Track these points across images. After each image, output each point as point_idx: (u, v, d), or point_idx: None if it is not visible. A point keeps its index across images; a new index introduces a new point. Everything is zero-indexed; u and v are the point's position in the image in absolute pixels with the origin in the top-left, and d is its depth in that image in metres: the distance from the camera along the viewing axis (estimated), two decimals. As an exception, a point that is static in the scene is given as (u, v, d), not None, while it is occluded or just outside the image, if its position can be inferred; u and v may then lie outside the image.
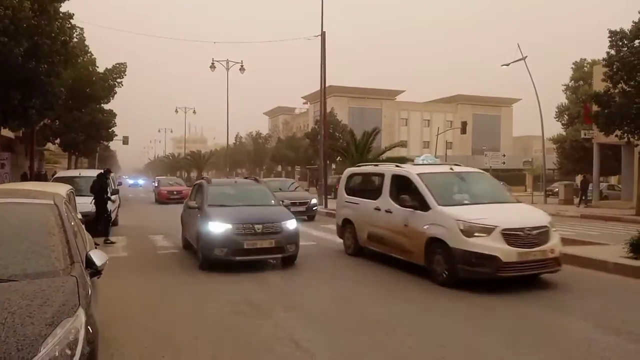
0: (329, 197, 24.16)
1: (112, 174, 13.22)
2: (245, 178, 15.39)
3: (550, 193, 37.86)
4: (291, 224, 9.37)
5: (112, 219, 15.21)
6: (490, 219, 7.31)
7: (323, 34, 25.38)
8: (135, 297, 6.99)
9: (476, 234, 7.19)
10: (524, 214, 8.12)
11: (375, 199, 9.54)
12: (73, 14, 16.92)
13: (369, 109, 79.52)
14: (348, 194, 11.01)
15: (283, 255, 9.27)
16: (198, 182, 12.07)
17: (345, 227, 10.88)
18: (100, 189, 12.61)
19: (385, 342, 5.04)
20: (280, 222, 9.26)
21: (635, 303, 6.78)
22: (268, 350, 4.81)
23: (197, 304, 6.55)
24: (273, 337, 5.20)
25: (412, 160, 28.63)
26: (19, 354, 2.51)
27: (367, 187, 10.54)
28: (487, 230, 7.18)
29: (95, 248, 4.56)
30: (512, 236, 7.14)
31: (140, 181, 73.14)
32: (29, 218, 3.88)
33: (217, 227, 8.77)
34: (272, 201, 10.60)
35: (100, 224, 12.20)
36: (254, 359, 4.57)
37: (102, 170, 13.33)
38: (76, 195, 7.93)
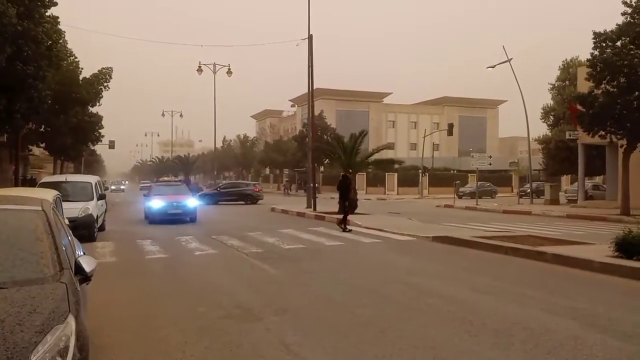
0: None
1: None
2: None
3: (522, 194, 38.31)
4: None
5: (100, 225, 15.14)
6: None
7: (310, 37, 25.45)
8: (124, 302, 6.95)
9: None
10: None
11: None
12: (57, 17, 16.86)
13: (357, 111, 79.81)
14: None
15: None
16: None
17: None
18: (345, 187, 16.67)
19: (376, 344, 5.07)
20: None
21: (621, 301, 6.88)
22: (258, 355, 4.81)
23: (187, 309, 6.53)
24: (264, 341, 5.20)
25: (400, 163, 28.98)
26: (9, 362, 2.49)
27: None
28: None
29: (84, 254, 4.53)
30: None
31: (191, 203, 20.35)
32: (17, 224, 3.85)
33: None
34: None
35: (345, 213, 16.25)
36: (245, 363, 4.57)
37: (343, 173, 18.25)
38: (63, 201, 7.86)
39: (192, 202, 19.88)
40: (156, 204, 19.22)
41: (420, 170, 51.04)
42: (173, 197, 19.75)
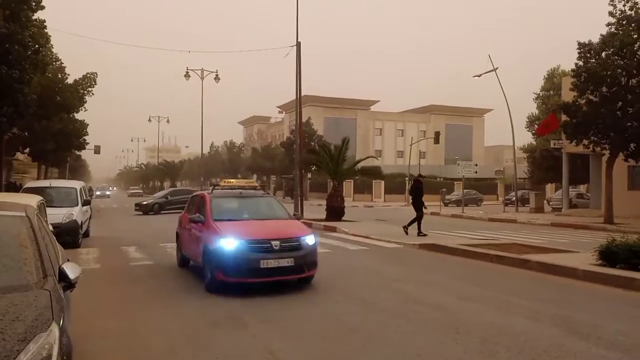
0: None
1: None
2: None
3: (508, 202, 38.80)
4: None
5: (84, 231, 14.96)
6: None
7: (298, 45, 25.48)
8: (109, 309, 6.87)
9: None
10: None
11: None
12: (44, 21, 16.73)
13: (344, 118, 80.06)
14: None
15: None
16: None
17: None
18: (418, 192, 16.18)
19: (362, 352, 5.06)
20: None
21: (604, 309, 6.95)
22: (245, 362, 4.78)
23: (173, 316, 6.47)
24: (250, 348, 5.17)
25: (382, 175, 29.19)
26: (-9, 371, 2.45)
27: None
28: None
29: (68, 261, 4.47)
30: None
31: None
32: (0, 230, 3.80)
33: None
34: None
35: (414, 220, 15.85)
36: (231, 371, 4.54)
37: (416, 177, 17.39)
38: (47, 207, 7.77)
39: (310, 238, 8.39)
40: (231, 244, 7.79)
41: (407, 178, 51.25)
42: (267, 228, 8.43)
